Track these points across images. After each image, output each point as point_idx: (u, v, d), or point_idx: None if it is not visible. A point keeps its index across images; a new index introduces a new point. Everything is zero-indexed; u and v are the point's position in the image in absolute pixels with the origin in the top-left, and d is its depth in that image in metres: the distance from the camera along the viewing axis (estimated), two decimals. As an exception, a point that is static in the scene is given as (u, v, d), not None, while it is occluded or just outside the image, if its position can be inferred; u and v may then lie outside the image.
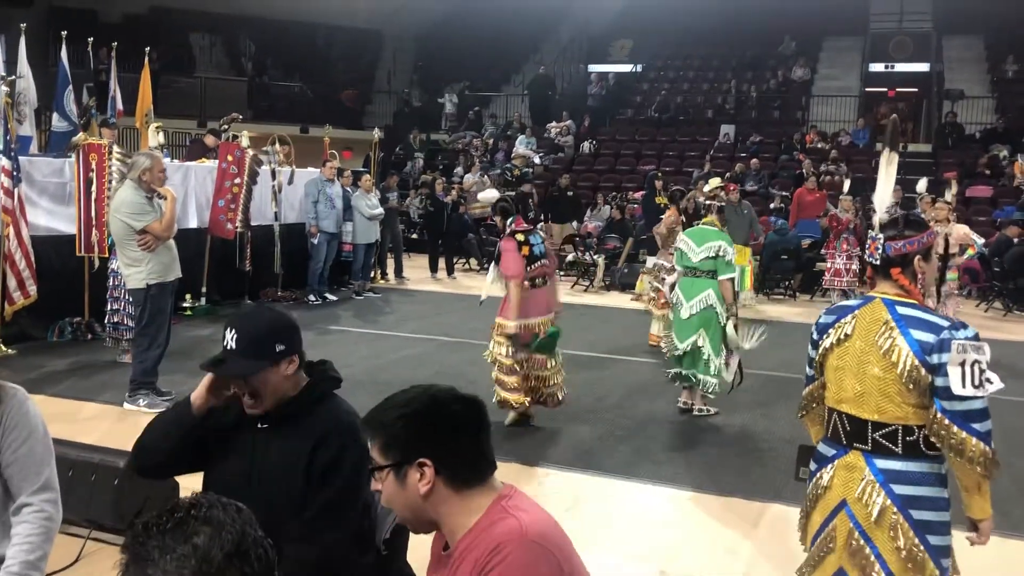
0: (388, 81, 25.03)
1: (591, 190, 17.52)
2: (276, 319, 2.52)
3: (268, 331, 2.44)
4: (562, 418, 6.44)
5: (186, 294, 9.77)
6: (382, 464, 1.82)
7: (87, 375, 7.25)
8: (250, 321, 2.50)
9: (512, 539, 1.69)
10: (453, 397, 1.86)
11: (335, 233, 11.45)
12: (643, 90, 22.76)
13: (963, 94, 19.44)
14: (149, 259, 6.12)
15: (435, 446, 1.78)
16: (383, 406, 1.86)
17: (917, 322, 2.58)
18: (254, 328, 2.45)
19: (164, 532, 1.30)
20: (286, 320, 2.54)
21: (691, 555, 4.29)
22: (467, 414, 1.84)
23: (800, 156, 17.47)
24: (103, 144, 8.13)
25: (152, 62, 11.53)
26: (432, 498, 1.79)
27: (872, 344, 2.62)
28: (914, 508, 2.56)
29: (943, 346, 2.50)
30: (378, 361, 8.06)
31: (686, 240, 6.64)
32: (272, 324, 2.48)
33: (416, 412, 1.81)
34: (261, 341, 2.41)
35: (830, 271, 12.45)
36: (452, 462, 1.79)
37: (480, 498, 1.80)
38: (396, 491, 1.81)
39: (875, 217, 2.80)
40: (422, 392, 1.87)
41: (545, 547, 1.70)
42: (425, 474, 1.77)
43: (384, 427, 1.82)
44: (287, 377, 2.45)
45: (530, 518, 1.75)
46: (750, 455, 5.79)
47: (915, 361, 2.52)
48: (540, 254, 6.03)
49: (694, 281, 6.49)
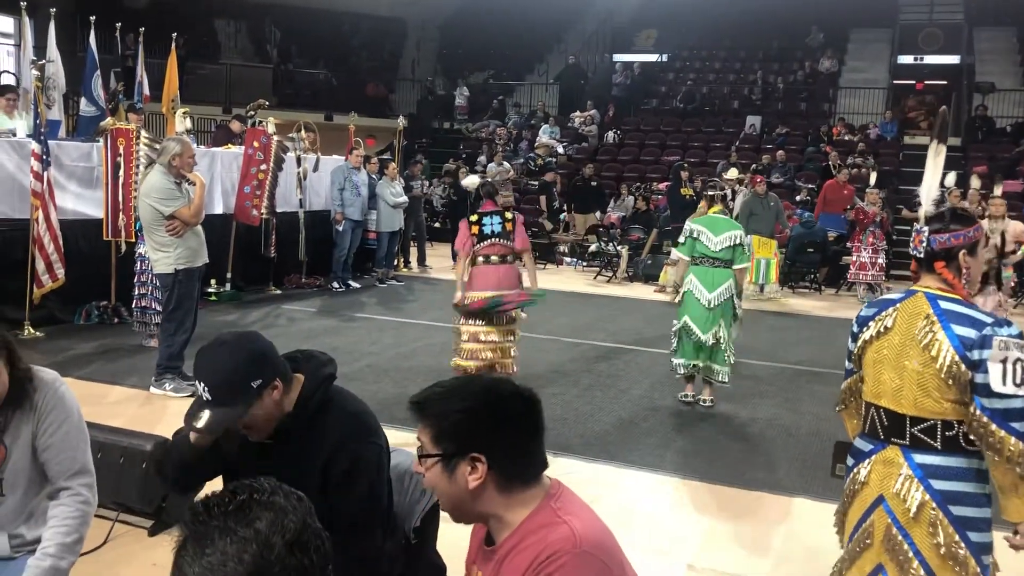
0: (412, 70, 25.00)
1: (615, 180, 17.43)
2: (242, 356, 2.31)
3: (238, 373, 2.27)
4: (586, 409, 6.43)
5: (211, 280, 9.83)
6: (432, 452, 1.77)
7: (113, 359, 7.30)
8: (216, 367, 2.30)
9: (566, 549, 1.65)
10: (513, 393, 1.80)
11: (360, 220, 11.47)
12: (668, 80, 22.59)
13: (994, 87, 19.14)
14: (177, 244, 6.15)
15: (491, 444, 1.74)
16: (441, 393, 1.80)
17: (959, 317, 2.54)
18: (223, 374, 2.28)
19: (226, 514, 1.28)
20: (253, 350, 2.34)
21: (718, 549, 4.26)
22: (526, 413, 1.79)
23: (827, 148, 17.29)
24: (131, 129, 8.16)
25: (178, 48, 11.56)
26: (480, 494, 1.75)
27: (912, 338, 2.58)
28: (953, 504, 2.53)
29: (985, 342, 2.46)
30: (401, 349, 8.07)
31: (702, 229, 6.51)
32: (240, 363, 2.29)
33: (476, 407, 1.76)
34: (234, 386, 2.26)
35: (855, 264, 12.34)
36: (506, 461, 1.75)
37: (528, 496, 1.77)
38: (443, 481, 1.77)
39: (920, 210, 2.75)
40: (484, 386, 1.82)
41: (599, 558, 1.66)
42: (477, 469, 1.73)
43: (440, 416, 1.77)
44: (276, 402, 2.34)
45: (583, 525, 1.71)
46: (777, 450, 5.75)
47: (955, 357, 2.48)
48: (491, 234, 6.48)
49: (714, 271, 6.43)
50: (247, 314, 9.46)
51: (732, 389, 7.14)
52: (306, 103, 20.40)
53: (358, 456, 2.38)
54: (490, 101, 22.79)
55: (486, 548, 1.83)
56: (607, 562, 1.67)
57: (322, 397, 2.43)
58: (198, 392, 2.30)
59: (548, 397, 6.61)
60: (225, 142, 11.46)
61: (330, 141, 13.61)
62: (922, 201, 2.78)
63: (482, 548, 1.86)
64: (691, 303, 6.48)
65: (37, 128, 7.63)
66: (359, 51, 25.24)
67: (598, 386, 7.11)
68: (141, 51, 11.12)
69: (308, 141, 11.47)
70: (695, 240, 6.51)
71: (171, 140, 6.55)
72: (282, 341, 2.62)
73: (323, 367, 2.48)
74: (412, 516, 2.70)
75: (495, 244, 6.52)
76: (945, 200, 10.57)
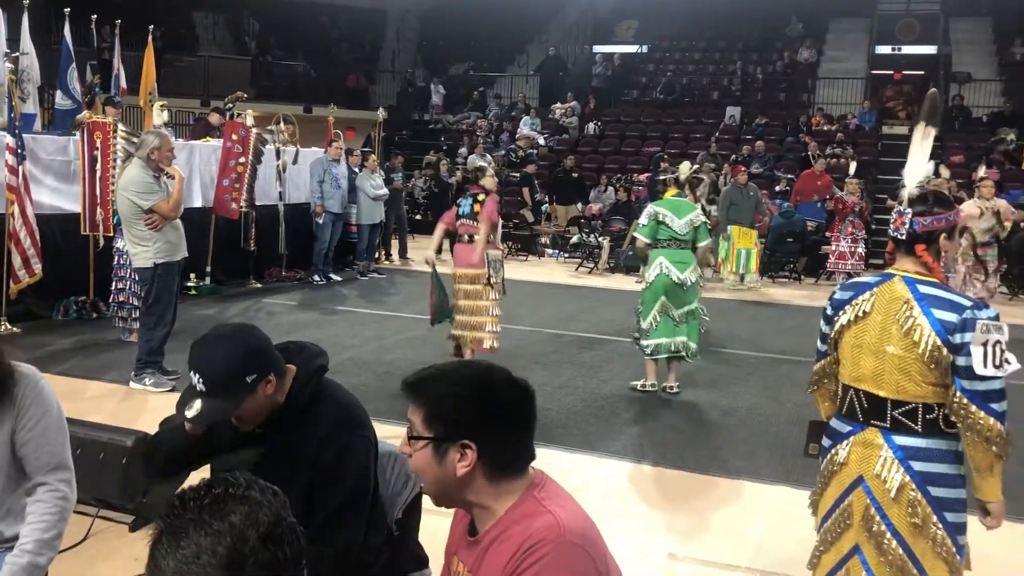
0: (392, 61, 24.90)
1: (596, 172, 17.45)
2: (239, 350, 2.30)
3: (234, 366, 2.26)
4: (567, 400, 6.45)
5: (191, 274, 9.78)
6: (422, 435, 1.76)
7: (92, 354, 7.26)
8: (213, 359, 2.29)
9: (550, 538, 1.65)
10: (508, 383, 1.79)
11: (340, 213, 11.43)
12: (648, 71, 22.62)
13: (970, 77, 19.31)
14: (156, 238, 6.11)
15: (483, 431, 1.73)
16: (436, 376, 1.79)
17: (939, 301, 2.56)
18: (219, 367, 2.27)
19: (201, 507, 1.29)
20: (250, 345, 2.33)
21: (699, 538, 4.29)
22: (520, 403, 1.79)
23: (806, 139, 17.39)
24: (108, 122, 8.09)
25: (155, 40, 11.48)
26: (468, 481, 1.74)
27: (892, 323, 2.60)
28: (932, 485, 2.56)
29: (966, 326, 2.49)
30: (383, 342, 8.06)
31: (666, 212, 6.58)
32: (236, 357, 2.28)
33: (471, 393, 1.75)
34: (229, 379, 2.26)
35: (835, 254, 12.43)
36: (496, 450, 1.74)
37: (513, 486, 1.76)
38: (431, 465, 1.76)
39: (903, 191, 2.74)
40: (480, 372, 1.81)
41: (583, 547, 1.67)
42: (467, 456, 1.72)
43: (434, 400, 1.75)
44: (269, 396, 2.33)
45: (567, 515, 1.71)
46: (757, 438, 5.79)
47: (937, 341, 2.50)
48: (462, 214, 7.09)
49: (682, 253, 6.56)
50: (227, 308, 9.42)
51: (713, 378, 7.21)
52: (285, 95, 20.28)
53: (346, 447, 2.38)
54: (471, 93, 22.73)
55: (469, 538, 1.83)
56: (590, 552, 1.67)
57: (314, 389, 2.43)
58: (192, 381, 2.29)
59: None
60: (203, 135, 11.39)
61: (310, 133, 13.54)
62: (906, 183, 2.76)
63: (464, 538, 1.85)
64: (664, 283, 6.51)
65: (11, 122, 7.55)
66: (339, 43, 25.11)
67: (580, 376, 7.13)
68: (117, 43, 11.03)
69: (287, 133, 11.42)
70: (660, 223, 6.56)
71: (149, 133, 6.50)
72: (262, 335, 2.64)
73: (315, 358, 2.48)
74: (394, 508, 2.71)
75: (464, 223, 7.06)
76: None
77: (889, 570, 2.58)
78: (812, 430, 2.96)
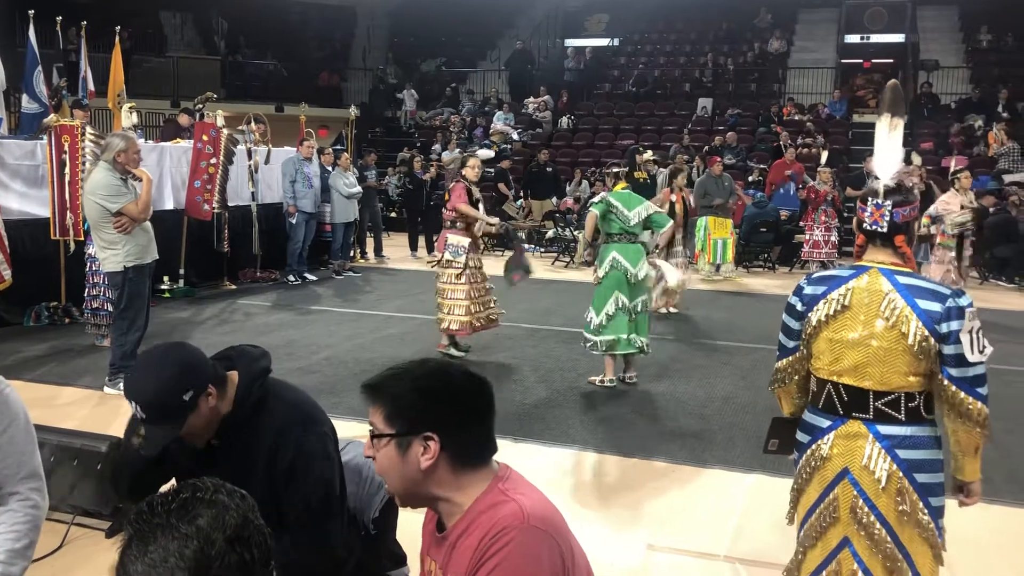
0: (363, 58, 24.79)
1: (570, 165, 17.47)
2: (169, 371, 2.26)
3: (168, 389, 2.24)
4: (545, 394, 6.46)
5: (164, 276, 9.71)
6: (384, 432, 1.77)
7: (65, 360, 7.18)
8: (145, 386, 2.26)
9: (514, 524, 1.67)
10: (465, 375, 1.83)
11: (313, 212, 11.38)
12: (620, 64, 22.67)
13: (938, 64, 19.50)
14: (125, 241, 6.05)
15: (444, 423, 1.75)
16: (394, 374, 1.81)
17: (922, 292, 2.56)
18: (152, 392, 2.25)
19: (168, 512, 1.31)
20: (181, 364, 2.29)
21: (677, 528, 4.31)
22: (478, 395, 1.81)
23: (777, 129, 17.49)
24: (75, 125, 8.00)
25: (123, 41, 11.33)
26: (432, 474, 1.76)
27: (875, 316, 2.59)
28: (917, 472, 2.58)
29: (951, 314, 2.50)
30: (360, 340, 8.03)
31: (618, 205, 6.59)
32: (169, 379, 2.25)
33: (430, 386, 1.78)
34: (165, 403, 2.24)
35: (808, 243, 12.51)
36: (458, 441, 1.76)
37: (477, 479, 1.78)
38: (395, 462, 1.77)
39: (878, 183, 2.73)
40: (436, 367, 1.84)
41: (547, 532, 1.69)
42: (430, 448, 1.74)
43: (393, 396, 1.77)
44: (212, 408, 2.31)
45: (531, 502, 1.73)
46: (734, 427, 5.82)
47: (925, 332, 2.51)
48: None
49: (633, 247, 6.61)
50: (201, 310, 9.35)
51: (689, 368, 7.26)
52: (256, 95, 20.16)
53: (301, 446, 2.37)
54: (443, 89, 22.67)
55: (437, 535, 1.84)
56: (555, 537, 1.69)
57: (259, 393, 2.41)
58: (133, 410, 2.28)
59: (508, 383, 6.64)
60: (174, 136, 11.30)
61: (282, 132, 13.47)
62: (880, 175, 2.75)
63: (434, 536, 1.86)
64: (617, 278, 6.56)
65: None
66: (309, 41, 24.98)
67: (557, 371, 7.15)
68: (84, 45, 10.88)
69: (258, 133, 11.34)
70: (610, 213, 6.58)
71: (115, 136, 6.43)
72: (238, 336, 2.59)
73: (256, 362, 2.46)
74: (371, 507, 2.70)
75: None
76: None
77: (880, 560, 2.59)
78: (774, 427, 2.93)
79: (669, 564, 3.95)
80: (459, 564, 1.73)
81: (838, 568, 2.67)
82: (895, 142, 2.81)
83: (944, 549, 2.67)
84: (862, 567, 2.62)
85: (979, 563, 3.91)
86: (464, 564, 1.71)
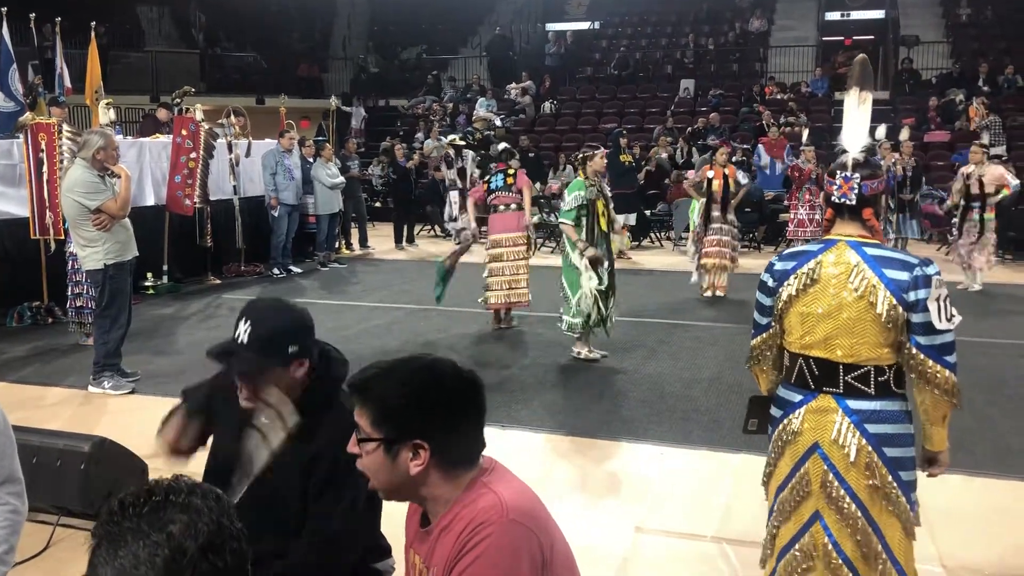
0: (343, 48, 24.64)
1: (554, 151, 17.44)
2: (294, 319, 2.35)
3: (284, 330, 2.29)
4: (530, 380, 6.46)
5: (147, 273, 9.65)
6: (372, 436, 1.72)
7: (49, 360, 7.14)
8: (267, 316, 2.32)
9: (493, 518, 1.65)
10: (456, 375, 1.75)
11: (296, 204, 11.33)
12: (602, 47, 22.60)
13: (918, 40, 19.52)
14: (105, 239, 6.00)
15: (435, 429, 1.70)
16: (380, 375, 1.74)
17: (889, 261, 2.58)
18: (270, 324, 2.29)
19: (140, 515, 1.27)
20: (304, 320, 2.38)
21: (665, 510, 4.33)
22: (469, 396, 1.75)
23: (760, 108, 17.49)
24: (52, 123, 7.93)
25: (99, 37, 11.23)
26: (422, 479, 1.72)
27: (843, 287, 2.60)
28: (887, 446, 2.59)
29: (918, 283, 2.51)
30: (346, 332, 8.01)
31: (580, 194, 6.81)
32: (289, 323, 2.33)
33: (420, 391, 1.71)
34: (275, 340, 2.26)
35: (793, 221, 12.52)
36: (449, 446, 1.71)
37: (465, 476, 1.75)
38: (383, 466, 1.72)
39: (847, 157, 2.73)
40: (425, 367, 1.76)
41: (526, 526, 1.67)
42: (420, 455, 1.69)
43: (382, 400, 1.72)
44: (294, 379, 2.31)
45: (511, 494, 1.71)
46: (721, 408, 5.84)
47: (893, 301, 2.52)
48: (496, 188, 7.99)
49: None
50: (187, 306, 9.31)
51: (676, 350, 7.31)
52: (236, 87, 20.01)
53: (338, 464, 2.23)
54: (424, 76, 22.56)
55: (421, 530, 1.83)
56: (534, 529, 1.68)
57: (327, 395, 2.37)
58: (236, 333, 2.26)
59: (494, 370, 6.64)
60: (153, 132, 11.21)
61: (263, 125, 13.39)
62: (849, 149, 2.75)
63: (418, 530, 1.85)
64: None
65: (-48, 127, 7.37)
66: (288, 32, 24.79)
67: (543, 357, 7.15)
68: (59, 42, 10.78)
69: (238, 126, 11.27)
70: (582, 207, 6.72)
71: (93, 133, 6.37)
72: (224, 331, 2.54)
73: (340, 367, 2.44)
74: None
75: (499, 196, 7.97)
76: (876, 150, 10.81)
77: (850, 533, 2.61)
78: (752, 405, 2.94)
79: (657, 546, 3.97)
80: (441, 557, 1.72)
81: (810, 541, 2.68)
82: (864, 116, 2.82)
83: (918, 524, 2.68)
84: (832, 541, 2.63)
85: (961, 535, 3.94)
86: (445, 556, 1.71)
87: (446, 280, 7.95)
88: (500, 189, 7.98)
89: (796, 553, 2.71)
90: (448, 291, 8.05)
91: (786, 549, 2.74)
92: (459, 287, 8.43)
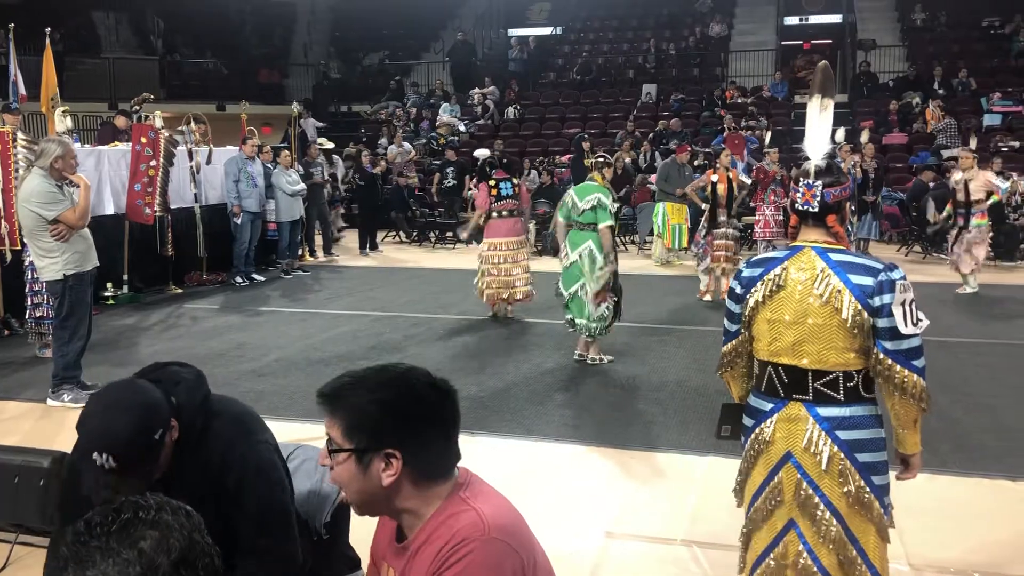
0: (305, 54, 24.48)
1: (518, 155, 17.44)
2: (137, 413, 2.17)
3: (139, 432, 2.15)
4: (500, 386, 6.44)
5: (107, 283, 9.50)
6: (343, 447, 1.68)
7: (6, 373, 6.98)
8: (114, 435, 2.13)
9: (474, 535, 1.62)
10: (429, 384, 1.73)
11: (259, 212, 11.20)
12: (564, 52, 22.69)
13: (875, 44, 19.84)
14: (64, 249, 5.88)
15: (407, 439, 1.67)
16: (353, 384, 1.71)
17: (853, 267, 2.58)
18: (124, 442, 2.12)
19: (108, 534, 1.22)
20: (142, 402, 2.20)
21: (635, 514, 4.33)
22: (443, 405, 1.73)
23: (722, 112, 17.65)
24: (6, 131, 7.76)
25: (54, 43, 11.02)
26: (395, 490, 1.69)
27: (809, 294, 2.61)
28: (859, 452, 2.60)
29: (883, 288, 2.52)
30: (311, 340, 7.93)
31: (572, 195, 6.93)
32: (138, 423, 2.15)
33: (392, 400, 1.68)
34: (139, 449, 2.15)
35: (759, 223, 12.64)
36: (422, 456, 1.69)
37: (440, 489, 1.72)
38: (354, 477, 1.69)
39: (809, 164, 2.75)
40: (398, 376, 1.73)
41: (508, 543, 1.64)
42: (392, 465, 1.66)
43: (353, 409, 1.68)
44: (173, 441, 2.25)
45: (491, 510, 1.68)
46: (688, 411, 5.86)
47: (858, 306, 2.53)
48: (505, 195, 8.43)
49: (579, 233, 6.84)
50: (148, 316, 9.16)
51: (642, 353, 7.32)
52: (196, 94, 19.77)
53: (246, 462, 2.31)
54: (387, 82, 22.47)
55: (397, 545, 1.79)
56: (515, 547, 1.65)
57: (203, 421, 2.33)
58: (98, 463, 2.10)
59: (461, 376, 6.60)
60: (111, 140, 11.03)
61: (224, 132, 13.24)
62: (810, 155, 2.77)
63: (392, 544, 1.81)
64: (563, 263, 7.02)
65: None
66: (248, 38, 24.58)
67: (511, 361, 7.13)
68: (12, 48, 10.56)
69: (199, 133, 11.14)
70: (567, 207, 6.91)
71: (50, 142, 6.24)
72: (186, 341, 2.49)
73: (197, 390, 2.37)
74: (322, 512, 2.66)
75: (507, 202, 8.43)
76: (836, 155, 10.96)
77: (824, 541, 2.61)
78: (724, 413, 2.95)
79: (627, 550, 3.96)
80: (419, 573, 1.69)
81: (784, 550, 2.68)
82: (826, 123, 2.83)
83: (892, 525, 2.70)
84: (807, 548, 2.64)
85: (928, 533, 3.98)
86: (423, 573, 1.67)
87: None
88: (509, 197, 8.44)
89: (770, 562, 2.71)
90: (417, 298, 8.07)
91: (761, 558, 2.74)
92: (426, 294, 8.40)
